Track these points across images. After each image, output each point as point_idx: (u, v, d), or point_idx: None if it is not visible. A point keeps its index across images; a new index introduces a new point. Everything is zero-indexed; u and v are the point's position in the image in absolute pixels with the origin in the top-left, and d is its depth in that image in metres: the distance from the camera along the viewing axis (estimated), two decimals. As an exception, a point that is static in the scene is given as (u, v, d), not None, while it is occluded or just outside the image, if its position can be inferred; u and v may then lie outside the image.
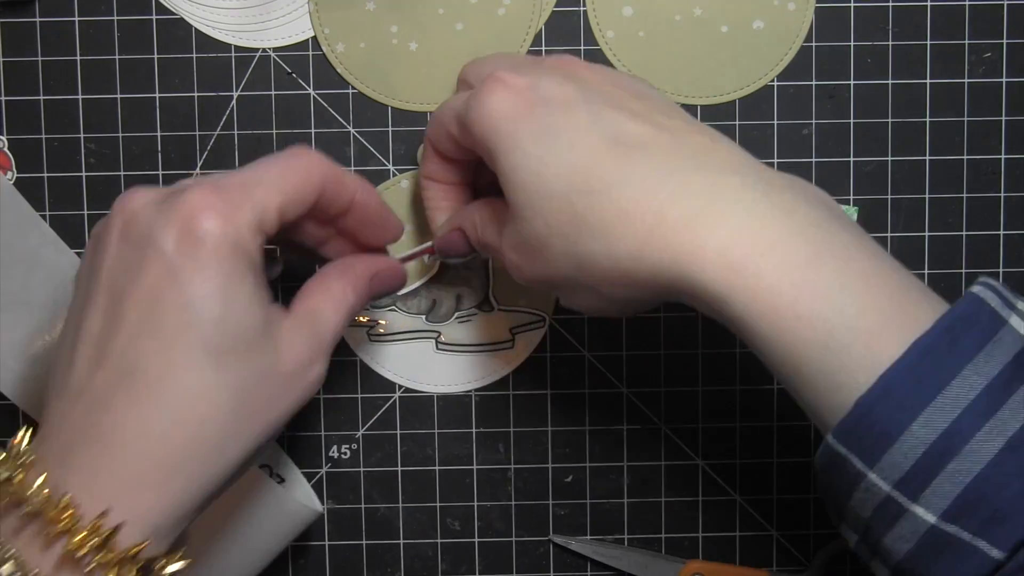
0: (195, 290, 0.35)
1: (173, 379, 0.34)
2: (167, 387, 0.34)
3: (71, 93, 0.52)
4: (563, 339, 0.53)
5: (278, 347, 0.38)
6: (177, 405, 0.34)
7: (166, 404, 0.34)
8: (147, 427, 0.34)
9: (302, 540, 0.54)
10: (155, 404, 0.34)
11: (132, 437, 0.34)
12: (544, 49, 0.52)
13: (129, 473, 0.34)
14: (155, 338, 0.34)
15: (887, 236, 0.53)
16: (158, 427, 0.34)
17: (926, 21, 0.52)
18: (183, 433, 0.34)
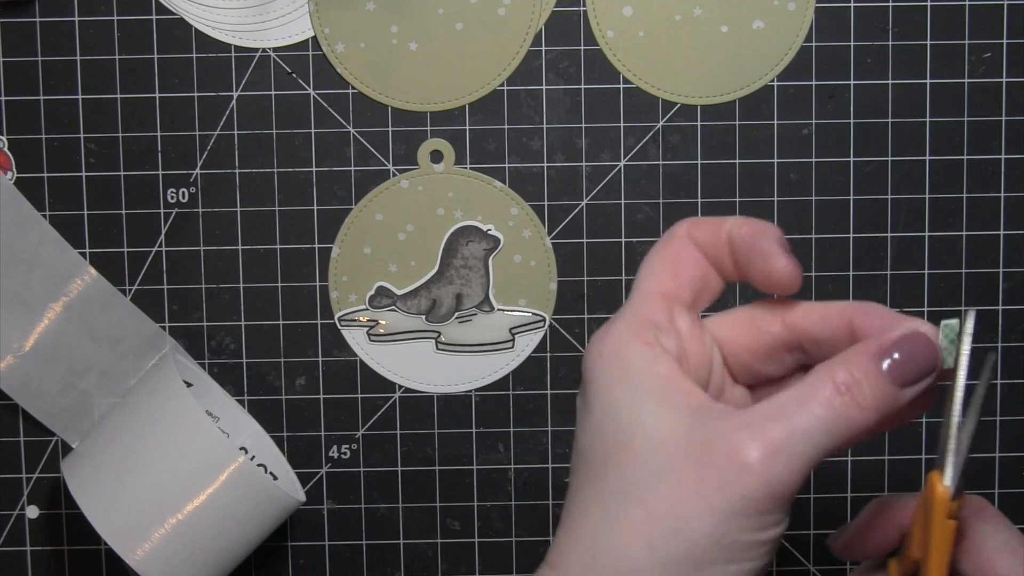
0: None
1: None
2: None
3: (71, 93, 0.52)
4: (563, 339, 0.53)
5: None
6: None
7: None
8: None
9: (302, 540, 0.54)
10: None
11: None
12: (544, 49, 0.52)
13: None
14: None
15: (887, 236, 0.53)
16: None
17: (926, 21, 0.52)
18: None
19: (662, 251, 0.34)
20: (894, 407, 0.29)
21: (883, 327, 0.31)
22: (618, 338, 0.31)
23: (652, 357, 0.30)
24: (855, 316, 0.32)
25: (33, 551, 0.54)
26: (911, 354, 0.30)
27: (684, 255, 0.33)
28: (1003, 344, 0.54)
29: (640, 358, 0.30)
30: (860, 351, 0.30)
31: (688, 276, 0.33)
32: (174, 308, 0.53)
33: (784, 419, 0.29)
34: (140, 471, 0.47)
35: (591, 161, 0.53)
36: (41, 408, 0.52)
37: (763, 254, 0.32)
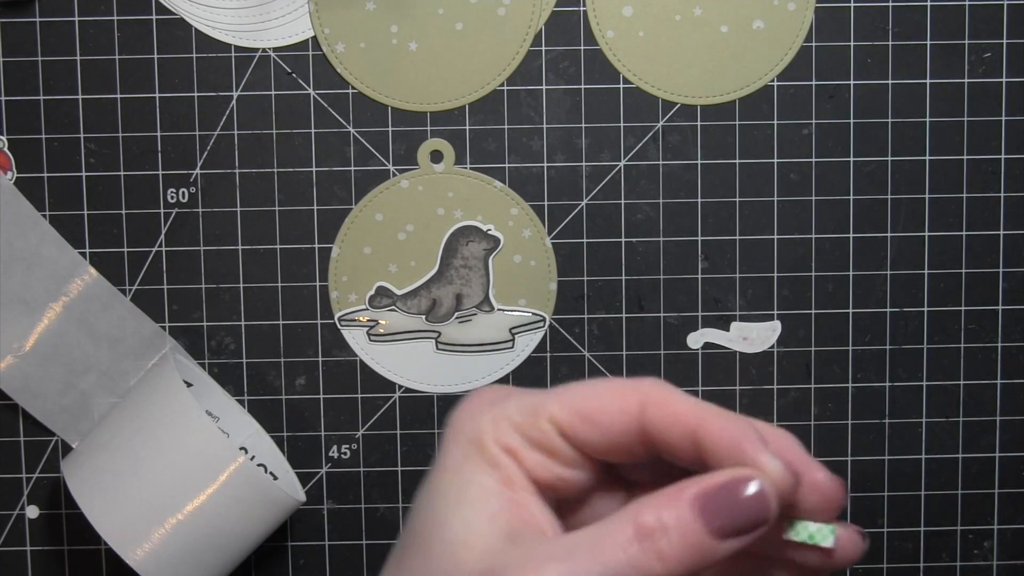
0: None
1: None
2: None
3: (71, 93, 0.52)
4: (563, 339, 0.53)
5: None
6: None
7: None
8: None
9: (302, 540, 0.54)
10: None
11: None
12: (544, 49, 0.52)
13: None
14: None
15: (887, 236, 0.53)
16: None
17: (926, 21, 0.52)
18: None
19: (597, 397, 0.28)
20: (707, 561, 0.26)
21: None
22: (481, 427, 0.28)
23: (502, 464, 0.28)
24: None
25: (33, 551, 0.54)
26: (737, 504, 0.26)
27: (619, 416, 0.28)
28: (1003, 344, 0.54)
29: (489, 459, 0.28)
30: (676, 492, 0.26)
31: (596, 439, 0.28)
32: (174, 308, 0.53)
33: (568, 559, 0.25)
34: (140, 471, 0.47)
35: (591, 161, 0.53)
36: (41, 408, 0.52)
37: (750, 464, 0.26)
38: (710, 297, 0.53)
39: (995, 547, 0.54)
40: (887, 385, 0.54)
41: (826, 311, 0.53)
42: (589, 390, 0.28)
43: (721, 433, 0.27)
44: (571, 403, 0.28)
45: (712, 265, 0.53)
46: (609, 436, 0.28)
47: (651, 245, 0.53)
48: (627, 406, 0.28)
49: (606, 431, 0.28)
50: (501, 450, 0.28)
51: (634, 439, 0.28)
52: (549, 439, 0.28)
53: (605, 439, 0.28)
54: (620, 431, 0.28)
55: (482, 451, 0.28)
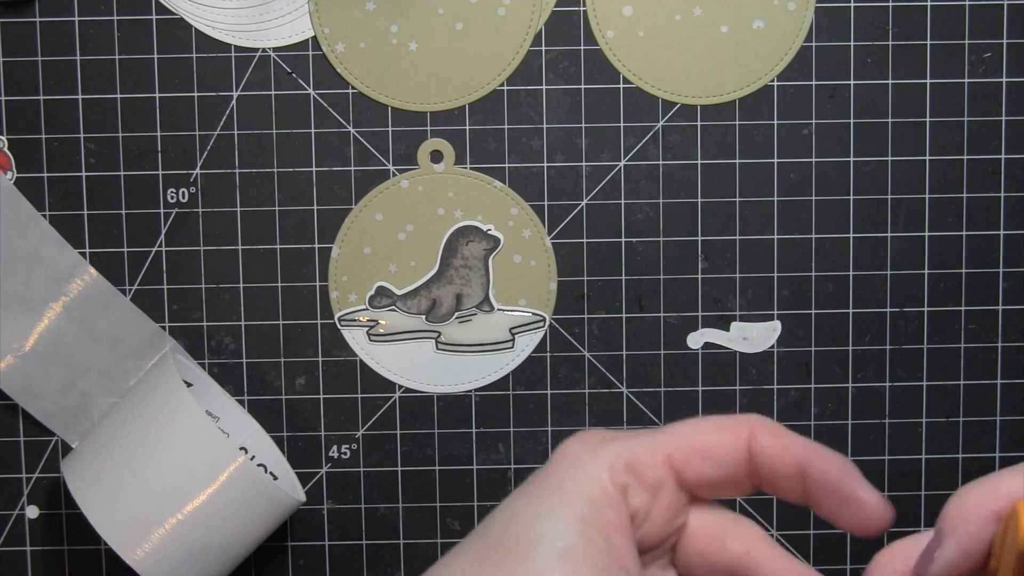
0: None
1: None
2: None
3: (71, 93, 0.52)
4: (563, 339, 0.53)
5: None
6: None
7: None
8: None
9: (302, 540, 0.54)
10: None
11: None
12: (544, 49, 0.52)
13: None
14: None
15: (887, 236, 0.53)
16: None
17: (926, 21, 0.52)
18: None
19: (711, 433, 0.30)
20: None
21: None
22: (599, 462, 0.29)
23: (609, 499, 0.28)
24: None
25: (33, 551, 0.54)
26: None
27: (726, 455, 0.29)
28: (1003, 344, 0.54)
29: (599, 493, 0.28)
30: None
31: (709, 473, 0.30)
32: (174, 308, 0.53)
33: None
34: (140, 471, 0.47)
35: (591, 161, 0.53)
36: (41, 408, 0.52)
37: (851, 497, 0.29)
38: (710, 297, 0.53)
39: (995, 547, 0.54)
40: (887, 385, 0.54)
41: (826, 311, 0.53)
42: (701, 426, 0.30)
43: (827, 466, 0.29)
44: (686, 439, 0.29)
45: (712, 265, 0.53)
46: (724, 469, 0.29)
47: (651, 245, 0.53)
48: (739, 438, 0.29)
49: (721, 463, 0.29)
50: (616, 489, 0.29)
51: (744, 471, 0.29)
52: (661, 482, 0.29)
53: (720, 472, 0.29)
54: (733, 463, 0.29)
55: (593, 487, 0.28)
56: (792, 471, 0.29)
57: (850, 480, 0.29)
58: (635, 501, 0.29)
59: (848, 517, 0.29)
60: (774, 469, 0.29)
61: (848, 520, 0.29)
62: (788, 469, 0.29)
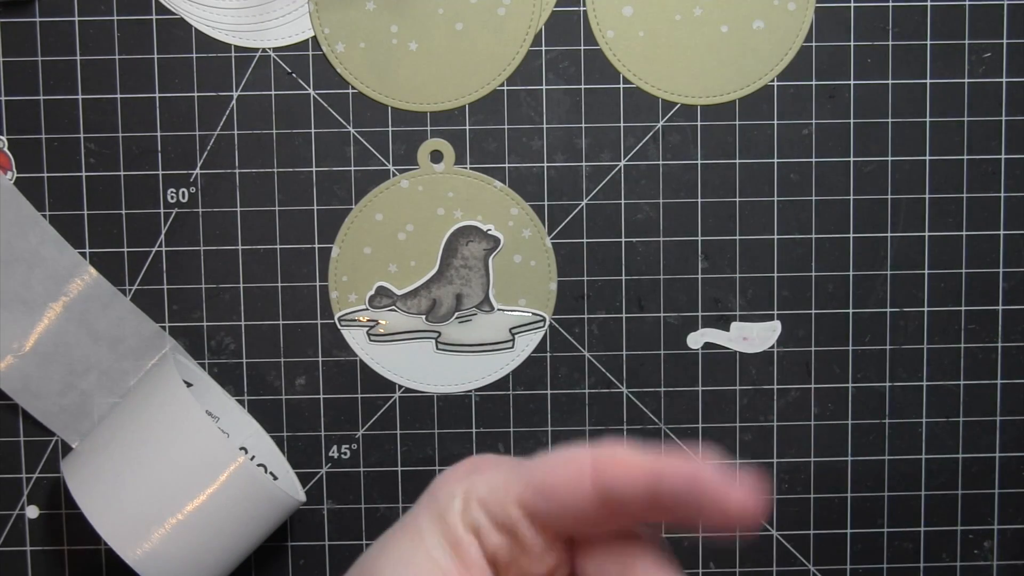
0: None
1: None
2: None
3: (71, 93, 0.52)
4: (563, 339, 0.53)
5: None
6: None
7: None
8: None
9: (302, 540, 0.54)
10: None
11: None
12: (544, 49, 0.52)
13: None
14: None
15: (887, 236, 0.53)
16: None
17: (926, 21, 0.52)
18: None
19: (554, 469, 0.27)
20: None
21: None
22: (451, 500, 0.28)
23: (462, 544, 0.28)
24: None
25: (33, 551, 0.54)
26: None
27: (570, 491, 0.27)
28: (1003, 344, 0.54)
29: (450, 537, 0.28)
30: None
31: (559, 512, 0.27)
32: (174, 308, 0.53)
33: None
34: (140, 471, 0.47)
35: (591, 161, 0.53)
36: (41, 408, 0.52)
37: (713, 497, 0.26)
38: (710, 297, 0.53)
39: (995, 547, 0.55)
40: (887, 385, 0.54)
41: (826, 311, 0.53)
42: (546, 462, 0.28)
43: (676, 472, 0.26)
44: (531, 480, 0.27)
45: (712, 265, 0.53)
46: (565, 507, 0.27)
47: (651, 245, 0.53)
48: (580, 469, 0.27)
49: (562, 502, 0.27)
50: (465, 528, 0.28)
51: (591, 505, 0.27)
52: (514, 524, 0.28)
53: (564, 511, 0.27)
54: (577, 500, 0.27)
55: (444, 526, 0.28)
56: (639, 491, 0.26)
57: (699, 485, 0.26)
58: (491, 540, 0.28)
59: (714, 519, 0.26)
60: (622, 497, 0.26)
61: (717, 521, 0.26)
62: (634, 489, 0.26)
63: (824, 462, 0.54)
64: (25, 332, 0.52)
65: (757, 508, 0.26)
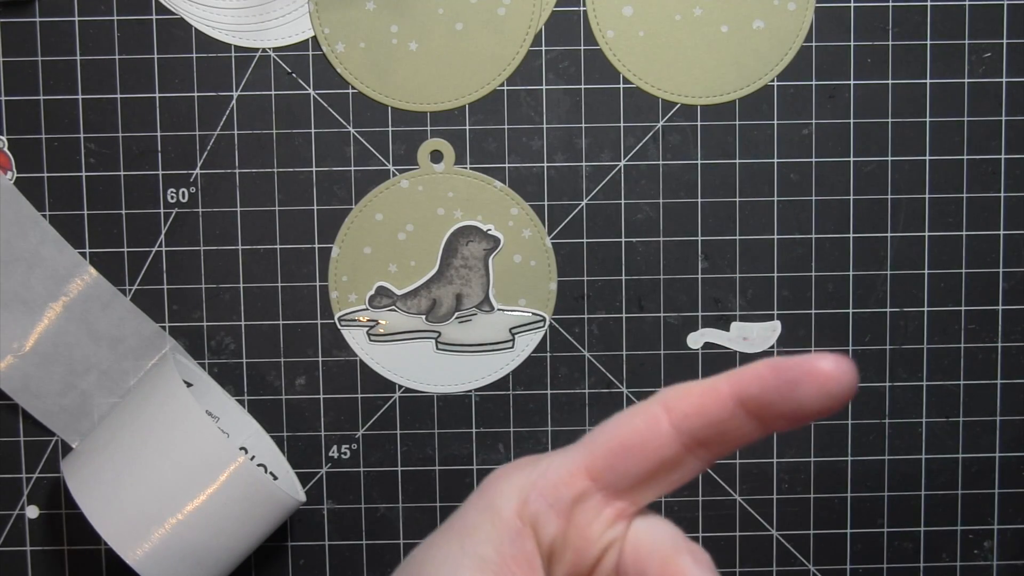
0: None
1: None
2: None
3: (71, 93, 0.52)
4: (563, 339, 0.53)
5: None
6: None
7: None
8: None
9: (302, 540, 0.54)
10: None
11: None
12: (544, 49, 0.52)
13: None
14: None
15: (887, 236, 0.53)
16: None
17: (926, 21, 0.52)
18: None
19: (625, 425, 0.28)
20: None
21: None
22: (503, 492, 0.28)
23: (513, 536, 0.27)
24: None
25: (33, 551, 0.54)
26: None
27: (647, 439, 0.27)
28: (1003, 344, 0.54)
29: (503, 531, 0.27)
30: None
31: (635, 461, 0.27)
32: (174, 308, 0.53)
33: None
34: (140, 471, 0.47)
35: (591, 161, 0.53)
36: (41, 408, 0.52)
37: (803, 369, 0.26)
38: (710, 297, 0.53)
39: (995, 547, 0.55)
40: (887, 385, 0.54)
41: (826, 311, 0.53)
42: (612, 426, 0.28)
43: (757, 375, 0.27)
44: (600, 444, 0.28)
45: (712, 265, 0.53)
46: (652, 456, 0.27)
47: (651, 245, 0.53)
48: (656, 421, 0.27)
49: (646, 452, 0.27)
50: (522, 521, 0.27)
51: (676, 448, 0.27)
52: (581, 496, 0.28)
53: (649, 461, 0.27)
54: (659, 446, 0.27)
55: (497, 520, 0.28)
56: (730, 410, 0.27)
57: (786, 368, 0.26)
58: (548, 531, 0.27)
59: (813, 396, 0.26)
60: (711, 424, 0.27)
61: (816, 398, 0.26)
62: (725, 412, 0.27)
63: (824, 462, 0.54)
64: (25, 332, 0.52)
65: (849, 367, 0.26)
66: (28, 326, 0.52)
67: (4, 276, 0.51)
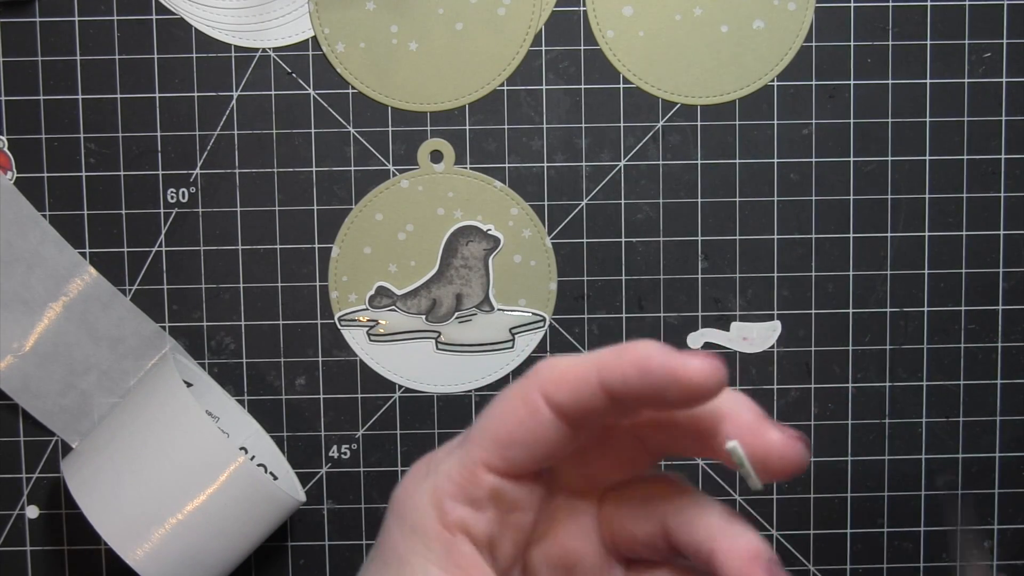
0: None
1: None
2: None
3: (71, 93, 0.52)
4: (563, 339, 0.53)
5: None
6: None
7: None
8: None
9: (302, 540, 0.54)
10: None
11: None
12: (544, 49, 0.52)
13: None
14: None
15: (887, 236, 0.53)
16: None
17: (926, 21, 0.52)
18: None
19: (509, 416, 0.28)
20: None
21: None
22: (420, 508, 0.27)
23: (448, 546, 0.27)
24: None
25: (33, 551, 0.54)
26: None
27: (532, 428, 0.27)
28: (1003, 344, 0.54)
29: (434, 545, 0.27)
30: None
31: (529, 449, 0.27)
32: (174, 308, 0.53)
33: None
34: (140, 471, 0.47)
35: (591, 161, 0.53)
36: (41, 408, 0.52)
37: (668, 373, 0.26)
38: (710, 297, 0.53)
39: (995, 547, 0.55)
40: (887, 385, 0.54)
41: (826, 311, 0.53)
42: (494, 416, 0.28)
43: (620, 362, 0.26)
44: (486, 439, 0.27)
45: (712, 265, 0.53)
46: (534, 448, 0.27)
47: (651, 245, 0.53)
48: (535, 409, 0.27)
49: (527, 444, 0.27)
50: (449, 530, 0.27)
51: (560, 434, 0.27)
52: (494, 489, 0.27)
53: (534, 452, 0.27)
54: (541, 438, 0.27)
55: (425, 539, 0.27)
56: (601, 400, 0.26)
57: (652, 371, 0.26)
58: (480, 527, 0.27)
59: (678, 398, 0.26)
60: (589, 412, 0.27)
61: (683, 400, 0.26)
62: (597, 401, 0.26)
63: (824, 462, 0.54)
64: (25, 332, 0.52)
65: (716, 371, 0.25)
66: (28, 326, 0.52)
67: (4, 276, 0.51)
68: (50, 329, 0.52)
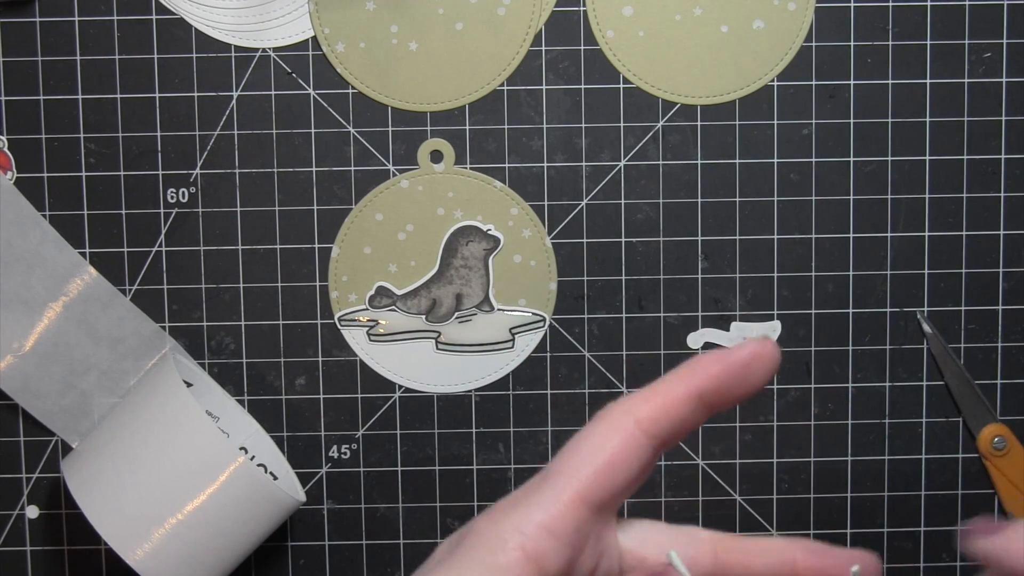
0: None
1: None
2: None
3: (71, 93, 0.52)
4: (563, 339, 0.53)
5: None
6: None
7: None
8: None
9: (302, 540, 0.54)
10: None
11: None
12: (544, 49, 0.52)
13: None
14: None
15: (887, 236, 0.53)
16: None
17: (926, 21, 0.52)
18: None
19: (607, 446, 0.29)
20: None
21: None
22: (502, 537, 0.28)
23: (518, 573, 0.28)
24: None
25: (33, 551, 0.54)
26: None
27: (630, 454, 0.29)
28: (1003, 344, 0.54)
29: (510, 570, 0.28)
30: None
31: (623, 477, 0.29)
32: (174, 308, 0.53)
33: None
34: (140, 471, 0.47)
35: (591, 161, 0.53)
36: (41, 408, 0.52)
37: (753, 358, 0.30)
38: (710, 297, 0.53)
39: (995, 547, 0.54)
40: (887, 385, 0.54)
41: (826, 311, 0.53)
42: (587, 450, 0.29)
43: (708, 373, 0.31)
44: (583, 471, 0.29)
45: (712, 265, 0.53)
46: (632, 470, 0.29)
47: (651, 245, 0.53)
48: (631, 436, 0.29)
49: (625, 469, 0.29)
50: (525, 561, 0.28)
51: (651, 454, 0.30)
52: (579, 523, 0.29)
53: (630, 475, 0.29)
54: (636, 461, 0.29)
55: (496, 569, 0.28)
56: (691, 408, 0.30)
57: (733, 359, 0.30)
58: (554, 563, 0.28)
59: (761, 375, 0.30)
60: (678, 424, 0.30)
61: (764, 376, 0.30)
62: (687, 410, 0.30)
63: (824, 462, 0.54)
64: (25, 332, 0.52)
65: (772, 343, 0.30)
66: (28, 326, 0.52)
67: (4, 276, 0.51)
68: (50, 329, 0.52)
